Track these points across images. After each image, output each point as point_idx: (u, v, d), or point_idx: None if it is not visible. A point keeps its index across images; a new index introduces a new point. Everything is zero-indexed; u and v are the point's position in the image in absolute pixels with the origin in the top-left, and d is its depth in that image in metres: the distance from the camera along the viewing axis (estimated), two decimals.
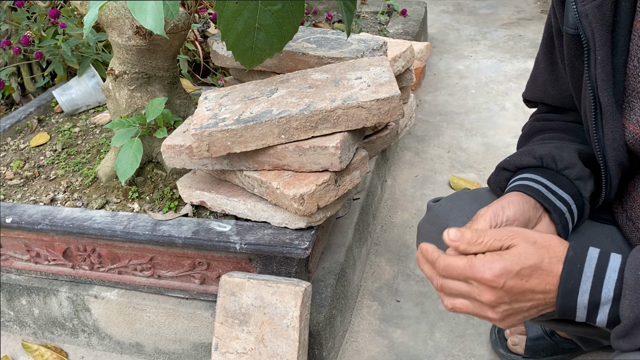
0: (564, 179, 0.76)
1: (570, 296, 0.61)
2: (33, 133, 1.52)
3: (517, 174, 0.80)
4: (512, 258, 0.61)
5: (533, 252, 0.61)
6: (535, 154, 0.78)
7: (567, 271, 0.61)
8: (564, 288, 0.61)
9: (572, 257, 0.62)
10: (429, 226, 0.91)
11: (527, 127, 0.94)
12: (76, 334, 1.31)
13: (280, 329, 0.99)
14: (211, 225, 1.06)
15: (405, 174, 1.84)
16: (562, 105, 0.88)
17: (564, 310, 0.62)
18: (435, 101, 2.26)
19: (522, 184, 0.76)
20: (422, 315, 1.33)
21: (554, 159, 0.77)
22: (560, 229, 0.74)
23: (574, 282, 0.61)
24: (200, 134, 0.94)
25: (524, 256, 0.61)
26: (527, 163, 0.79)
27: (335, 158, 0.93)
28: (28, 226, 1.12)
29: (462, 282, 0.64)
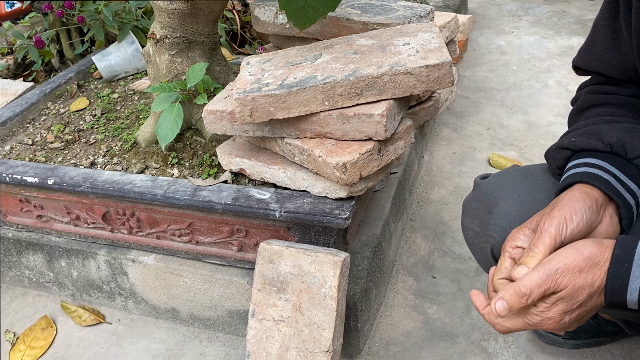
0: (633, 167, 0.72)
1: (619, 295, 0.62)
2: (73, 98, 1.53)
3: (579, 154, 0.76)
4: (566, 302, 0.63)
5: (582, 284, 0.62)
6: (604, 138, 0.73)
7: (614, 271, 0.62)
8: (612, 287, 0.62)
9: (619, 256, 0.62)
10: (475, 204, 0.88)
11: (580, 99, 0.88)
12: (113, 297, 1.33)
13: (318, 298, 0.98)
14: (251, 193, 1.05)
15: (443, 150, 1.80)
16: (622, 77, 0.82)
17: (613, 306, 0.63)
18: (475, 77, 2.20)
19: (588, 172, 0.71)
20: (459, 292, 1.30)
21: (624, 146, 0.72)
22: (626, 224, 0.71)
23: (622, 281, 0.61)
24: (243, 99, 0.92)
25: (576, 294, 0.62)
26: (594, 147, 0.74)
27: (380, 126, 0.90)
28: (69, 188, 1.13)
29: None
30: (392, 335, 1.22)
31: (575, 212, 0.68)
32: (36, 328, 1.32)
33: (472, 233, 0.88)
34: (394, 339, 1.21)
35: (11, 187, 1.22)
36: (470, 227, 0.88)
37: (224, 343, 1.24)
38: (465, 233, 0.91)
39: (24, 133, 1.38)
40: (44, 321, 1.33)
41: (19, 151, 1.30)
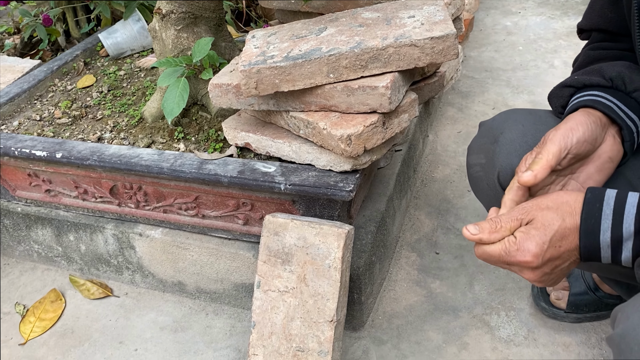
0: (632, 101, 0.75)
1: (592, 235, 0.63)
2: (79, 75, 1.54)
3: (581, 90, 0.79)
4: (539, 232, 0.64)
5: (553, 217, 0.64)
6: (605, 74, 0.77)
7: (587, 212, 0.63)
8: (585, 228, 0.63)
9: (590, 198, 0.63)
10: (480, 139, 0.91)
11: (581, 56, 0.91)
12: (120, 271, 1.35)
13: (322, 269, 1.00)
14: (256, 166, 1.06)
15: (447, 129, 1.81)
16: (619, 30, 0.85)
17: (589, 252, 0.64)
18: (481, 57, 2.19)
19: (592, 99, 0.75)
20: (462, 268, 1.32)
21: (623, 80, 0.76)
22: (628, 147, 0.74)
23: (594, 221, 0.62)
24: (248, 71, 0.93)
25: (548, 224, 0.64)
26: (596, 82, 0.77)
27: (384, 99, 0.91)
28: (77, 162, 1.15)
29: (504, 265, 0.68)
30: (396, 309, 1.23)
31: (581, 122, 0.71)
32: (45, 301, 1.34)
33: (479, 167, 0.89)
34: (397, 312, 1.23)
35: (20, 161, 1.24)
36: (476, 162, 0.89)
37: (230, 315, 1.26)
38: (470, 172, 0.92)
39: (32, 109, 1.40)
40: (53, 294, 1.35)
41: (27, 126, 1.32)
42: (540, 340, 1.13)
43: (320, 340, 1.00)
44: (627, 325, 0.62)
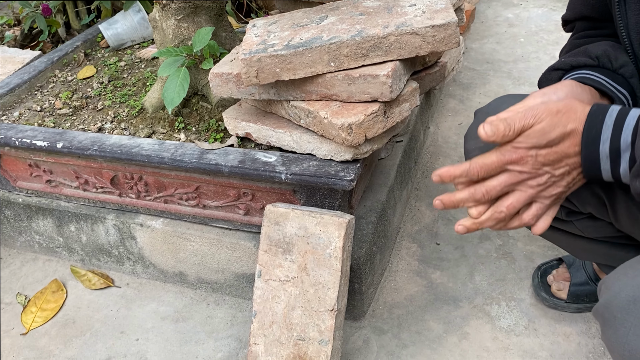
0: (619, 77, 0.76)
1: (593, 145, 0.64)
2: (80, 66, 1.54)
3: (570, 72, 0.80)
4: (537, 134, 0.65)
5: (556, 122, 0.64)
6: (591, 53, 0.78)
7: (590, 122, 0.64)
8: (587, 137, 0.64)
9: (595, 110, 0.65)
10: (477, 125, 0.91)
11: (566, 46, 0.91)
12: (122, 262, 1.35)
13: (323, 259, 1.00)
14: (257, 156, 1.06)
15: (448, 121, 1.80)
16: (602, 16, 0.85)
17: (589, 163, 0.65)
18: (483, 49, 2.19)
19: (581, 76, 0.76)
20: (462, 259, 1.32)
21: (609, 58, 0.77)
22: None
23: (596, 131, 0.63)
24: (249, 59, 0.93)
25: (548, 129, 0.64)
26: (583, 62, 0.78)
27: (385, 87, 0.91)
28: (78, 152, 1.15)
29: (502, 174, 0.67)
30: (396, 299, 1.23)
31: (566, 86, 0.73)
32: (47, 291, 1.34)
33: (477, 151, 0.88)
34: (397, 302, 1.23)
35: (21, 151, 1.24)
36: (474, 146, 0.90)
37: (231, 306, 1.26)
38: (468, 157, 0.92)
39: (32, 100, 1.40)
40: (55, 284, 1.36)
41: (27, 117, 1.32)
42: (540, 330, 1.13)
43: (321, 329, 1.00)
44: (609, 295, 0.65)
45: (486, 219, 0.70)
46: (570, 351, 1.09)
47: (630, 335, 0.61)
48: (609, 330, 0.65)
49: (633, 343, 0.61)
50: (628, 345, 0.61)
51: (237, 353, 1.16)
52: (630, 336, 0.61)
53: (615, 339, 0.64)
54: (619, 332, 0.63)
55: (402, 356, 1.11)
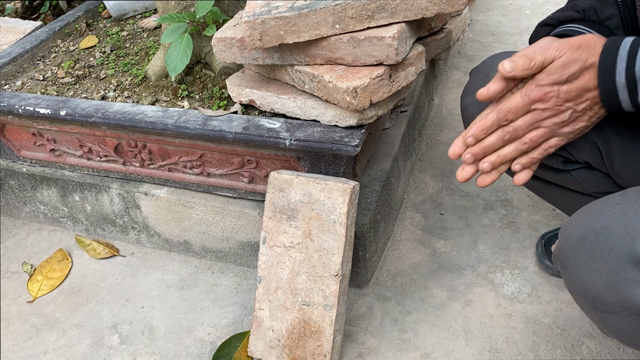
0: (605, 29, 0.78)
1: (609, 77, 0.65)
2: (82, 36, 1.52)
3: (558, 27, 0.81)
4: (558, 70, 0.67)
5: (577, 57, 0.66)
6: (578, 7, 0.79)
7: (604, 55, 0.65)
8: (603, 70, 0.65)
9: (609, 44, 0.66)
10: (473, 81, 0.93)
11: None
12: (126, 231, 1.36)
13: (328, 225, 1.00)
14: (261, 122, 1.06)
15: (453, 93, 1.79)
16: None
17: (608, 96, 0.66)
18: (488, 21, 2.16)
19: (564, 30, 0.78)
20: (466, 228, 1.32)
21: (595, 10, 0.78)
22: None
23: (611, 64, 0.65)
24: (252, 22, 0.92)
25: (568, 64, 0.66)
26: (569, 16, 0.79)
27: (391, 50, 0.90)
28: (81, 119, 1.14)
29: (527, 114, 0.70)
30: (400, 267, 1.24)
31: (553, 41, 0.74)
32: (52, 260, 1.35)
33: (473, 106, 0.91)
34: (401, 270, 1.23)
35: (24, 119, 1.24)
36: (470, 101, 0.93)
37: (236, 274, 1.27)
38: (465, 113, 0.94)
39: (35, 69, 1.39)
40: (60, 254, 1.37)
41: (30, 86, 1.31)
42: (544, 298, 1.14)
43: (325, 294, 1.00)
44: (562, 238, 0.70)
45: (510, 150, 0.73)
46: (573, 318, 1.09)
47: (582, 271, 0.67)
48: (565, 271, 0.70)
49: (585, 278, 0.66)
50: (581, 281, 0.67)
51: (242, 319, 1.16)
52: (582, 272, 0.67)
53: (570, 278, 0.69)
54: (573, 271, 0.68)
55: (405, 322, 1.12)
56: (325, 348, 1.01)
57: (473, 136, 0.73)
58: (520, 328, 1.08)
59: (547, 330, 1.07)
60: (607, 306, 0.65)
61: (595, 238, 0.65)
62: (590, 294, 0.66)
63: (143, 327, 1.18)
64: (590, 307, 0.68)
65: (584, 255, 0.66)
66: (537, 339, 1.06)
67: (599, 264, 0.64)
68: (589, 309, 0.69)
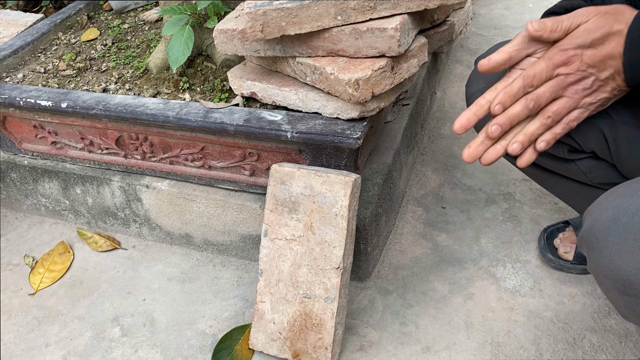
0: None
1: (636, 47, 0.64)
2: (83, 29, 1.52)
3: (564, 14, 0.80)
4: (582, 34, 0.66)
5: (603, 22, 0.65)
6: None
7: (635, 25, 0.64)
8: (630, 39, 0.64)
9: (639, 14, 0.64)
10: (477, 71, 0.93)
11: None
12: (128, 224, 1.36)
13: (329, 217, 1.00)
14: (262, 115, 1.05)
15: (455, 87, 1.78)
16: None
17: (633, 65, 0.65)
18: (490, 15, 2.15)
19: None
20: (468, 222, 1.32)
21: None
22: None
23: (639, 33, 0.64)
24: (254, 13, 0.91)
25: (593, 28, 0.65)
26: (577, 4, 0.78)
27: (393, 41, 0.89)
28: (82, 111, 1.14)
29: (551, 81, 0.69)
30: (401, 261, 1.24)
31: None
32: (54, 253, 1.35)
33: (479, 94, 0.90)
34: (402, 264, 1.23)
35: (25, 112, 1.24)
36: (476, 89, 0.91)
37: (237, 267, 1.27)
38: (470, 102, 0.93)
39: (36, 62, 1.38)
40: (62, 246, 1.37)
41: (31, 79, 1.31)
42: (546, 291, 1.13)
43: (327, 286, 1.00)
44: (592, 219, 0.67)
45: (536, 127, 0.72)
46: (575, 311, 1.09)
47: (613, 254, 0.64)
48: (593, 253, 0.67)
49: (616, 261, 0.63)
50: (611, 264, 0.64)
51: (243, 312, 1.16)
52: (613, 255, 0.64)
53: (599, 261, 0.66)
54: (603, 253, 0.65)
55: (407, 315, 1.12)
56: (327, 341, 1.01)
57: (501, 104, 0.70)
58: (522, 322, 1.08)
59: (549, 324, 1.07)
60: (637, 290, 0.63)
61: (630, 219, 0.63)
62: (620, 277, 0.64)
63: (144, 320, 1.18)
64: (617, 291, 0.65)
65: (615, 236, 0.63)
66: (539, 333, 1.06)
67: (632, 247, 0.62)
68: (615, 293, 0.66)
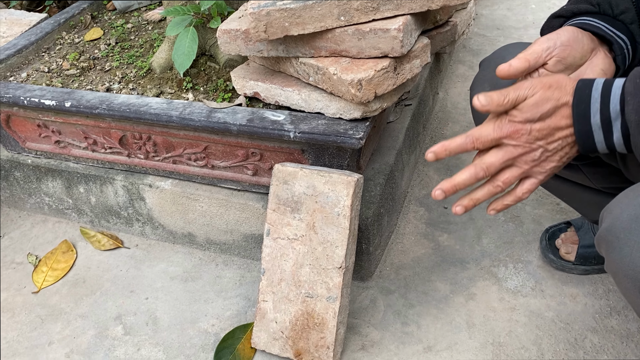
0: (619, 23, 0.77)
1: (584, 119, 0.65)
2: (87, 28, 1.53)
3: (571, 19, 0.80)
4: (531, 108, 0.67)
5: (549, 95, 0.66)
6: (592, 0, 0.79)
7: (578, 98, 0.66)
8: (577, 113, 0.66)
9: (581, 86, 0.66)
10: (483, 72, 0.93)
11: None
12: (131, 223, 1.36)
13: (332, 217, 1.00)
14: (265, 114, 1.06)
15: (458, 87, 1.78)
16: None
17: (583, 137, 0.66)
18: (493, 15, 2.15)
19: (580, 22, 0.77)
20: (470, 222, 1.32)
21: (610, 4, 0.77)
22: (620, 61, 0.76)
23: (585, 106, 0.65)
24: (258, 13, 0.92)
25: (541, 102, 0.66)
26: (584, 9, 0.79)
27: (396, 42, 0.90)
28: (86, 111, 1.14)
29: (498, 150, 0.69)
30: (403, 261, 1.24)
31: (567, 30, 0.74)
32: (57, 251, 1.36)
33: None
34: (404, 264, 1.23)
35: (29, 111, 1.24)
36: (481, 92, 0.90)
37: (239, 266, 1.28)
38: None
39: (40, 61, 1.39)
40: (65, 245, 1.37)
41: (35, 78, 1.31)
42: (547, 292, 1.14)
43: (329, 286, 1.00)
44: (612, 218, 0.67)
45: (483, 194, 0.73)
46: (576, 312, 1.09)
47: (634, 252, 0.62)
48: (613, 252, 0.66)
49: (638, 260, 0.62)
50: (632, 263, 0.62)
51: (245, 311, 1.17)
52: (634, 253, 0.62)
53: (620, 259, 0.64)
54: (624, 252, 0.64)
55: (408, 315, 1.12)
56: (329, 340, 1.01)
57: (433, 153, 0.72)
58: (524, 322, 1.09)
59: (551, 324, 1.07)
60: None
61: None
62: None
63: (147, 318, 1.18)
64: (638, 290, 0.64)
65: (638, 235, 0.62)
66: (540, 333, 1.06)
67: None
68: (636, 293, 0.65)
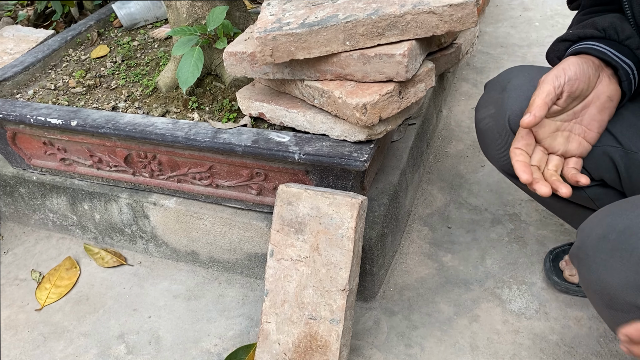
0: (625, 49, 0.78)
1: None
2: (93, 46, 1.54)
3: (577, 43, 0.81)
4: None
5: None
6: (598, 25, 0.80)
7: None
8: None
9: None
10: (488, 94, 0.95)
11: (573, 22, 0.92)
12: (134, 240, 1.36)
13: (335, 239, 1.00)
14: (270, 135, 1.06)
15: (461, 105, 1.79)
16: None
17: None
18: (497, 33, 2.16)
19: (585, 47, 0.78)
20: (473, 242, 1.32)
21: (615, 29, 0.78)
22: (626, 86, 0.77)
23: None
24: (264, 38, 0.92)
25: None
26: (590, 34, 0.80)
27: (401, 67, 0.90)
28: (92, 130, 1.15)
29: None
30: (407, 281, 1.24)
31: (572, 63, 0.75)
32: (61, 268, 1.36)
33: (488, 119, 0.91)
34: (408, 284, 1.23)
35: (35, 129, 1.25)
36: (485, 114, 0.93)
37: (242, 285, 1.27)
38: (479, 126, 0.95)
39: (47, 78, 1.40)
40: (68, 262, 1.37)
41: (42, 95, 1.32)
42: (551, 314, 1.13)
43: (332, 308, 1.00)
44: (582, 236, 0.70)
45: None
46: (581, 335, 1.09)
47: (601, 269, 0.66)
48: (583, 268, 0.69)
49: (604, 276, 0.66)
50: (599, 279, 0.66)
51: (248, 331, 1.17)
52: (601, 270, 0.66)
53: (588, 276, 0.68)
54: (592, 268, 0.67)
55: (412, 337, 1.12)
56: None
57: None
58: (527, 345, 1.08)
59: (555, 348, 1.07)
60: (622, 305, 0.64)
61: (618, 237, 0.65)
62: (607, 292, 0.66)
63: (150, 338, 1.18)
64: (604, 306, 0.67)
65: (604, 253, 0.66)
66: (544, 356, 1.06)
67: (619, 263, 0.64)
68: (603, 307, 0.68)
